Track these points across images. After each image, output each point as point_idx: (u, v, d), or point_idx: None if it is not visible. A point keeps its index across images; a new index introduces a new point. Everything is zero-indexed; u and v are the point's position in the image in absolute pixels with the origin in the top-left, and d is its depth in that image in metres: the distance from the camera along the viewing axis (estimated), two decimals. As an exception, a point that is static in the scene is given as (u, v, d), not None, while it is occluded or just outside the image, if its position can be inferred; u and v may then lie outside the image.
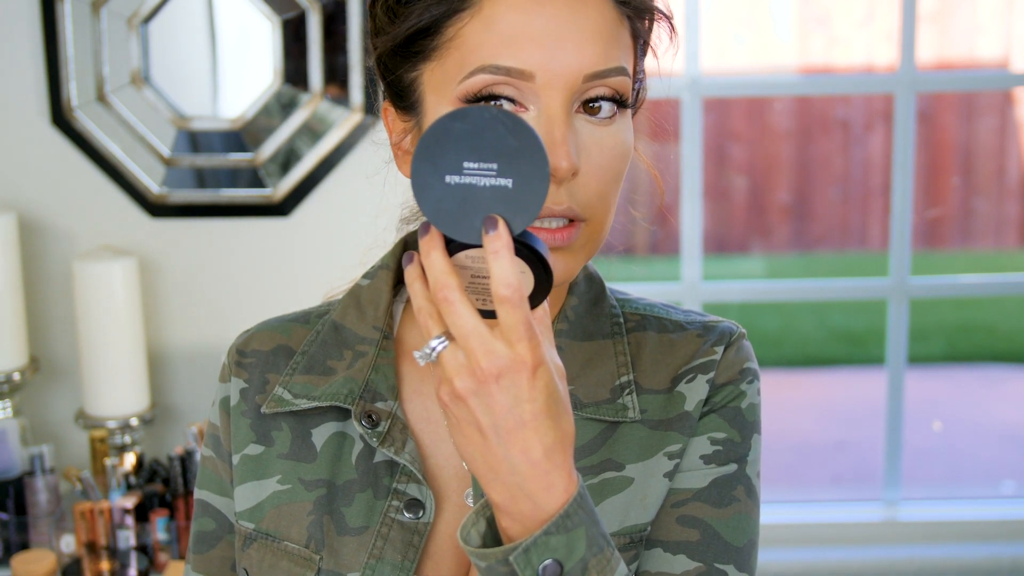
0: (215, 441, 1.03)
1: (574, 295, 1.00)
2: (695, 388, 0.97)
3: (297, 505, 0.97)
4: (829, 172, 5.98)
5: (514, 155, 0.75)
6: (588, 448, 0.95)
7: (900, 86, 2.35)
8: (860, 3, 5.83)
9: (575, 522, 0.78)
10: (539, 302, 0.79)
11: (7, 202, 2.14)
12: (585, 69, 0.87)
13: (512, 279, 0.74)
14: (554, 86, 0.87)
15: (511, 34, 0.87)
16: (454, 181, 0.75)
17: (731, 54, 5.83)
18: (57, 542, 1.96)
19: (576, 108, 0.89)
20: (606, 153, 0.89)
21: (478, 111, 0.75)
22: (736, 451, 0.96)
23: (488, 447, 0.78)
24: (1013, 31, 5.86)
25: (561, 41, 0.87)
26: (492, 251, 0.74)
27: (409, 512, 0.94)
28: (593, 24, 0.88)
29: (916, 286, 2.44)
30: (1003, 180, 5.98)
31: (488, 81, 0.87)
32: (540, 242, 0.78)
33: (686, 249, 2.41)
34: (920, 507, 2.48)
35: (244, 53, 2.13)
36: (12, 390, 2.04)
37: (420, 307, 0.78)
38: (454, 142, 0.75)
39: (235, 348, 1.04)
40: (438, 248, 0.76)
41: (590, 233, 0.90)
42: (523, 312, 0.75)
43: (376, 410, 0.96)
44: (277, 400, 0.99)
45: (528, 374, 0.75)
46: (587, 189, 0.89)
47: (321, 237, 2.17)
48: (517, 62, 0.87)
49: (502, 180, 0.75)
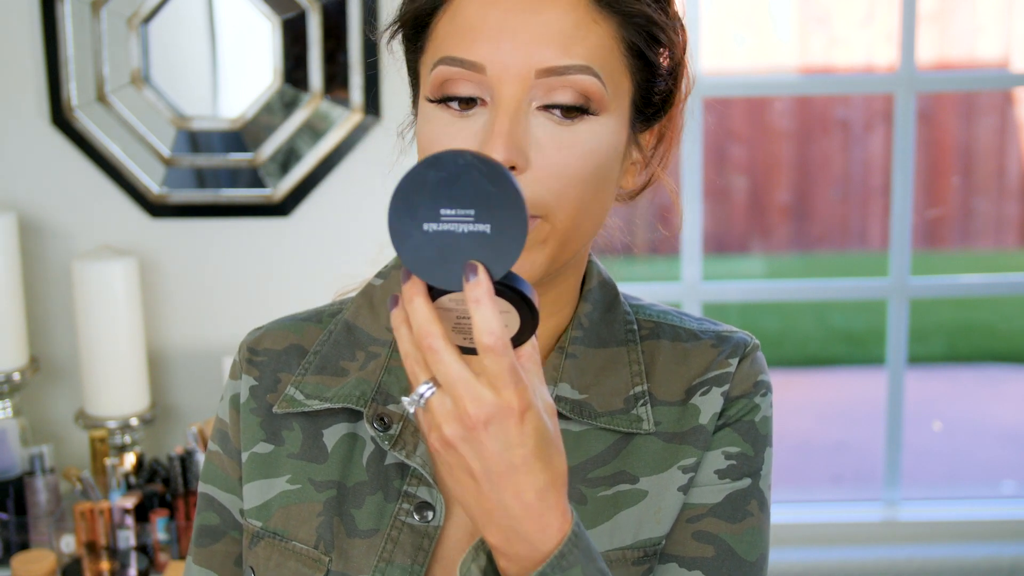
0: (223, 437, 1.03)
1: (588, 301, 0.99)
2: (709, 401, 0.97)
3: (306, 506, 0.97)
4: (829, 172, 5.98)
5: (491, 200, 0.74)
6: (602, 458, 0.95)
7: (900, 86, 2.35)
8: (860, 3, 5.83)
9: (570, 561, 0.79)
10: (526, 339, 0.79)
11: (7, 202, 2.14)
12: (536, 64, 0.86)
13: (495, 327, 0.74)
14: (505, 80, 0.86)
15: (468, 27, 0.88)
16: (432, 228, 0.75)
17: (731, 54, 5.82)
18: (57, 542, 1.95)
19: (536, 106, 0.87)
20: (565, 152, 0.87)
21: (451, 157, 0.74)
22: (750, 465, 0.97)
23: (481, 492, 0.78)
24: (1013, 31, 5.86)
25: (512, 35, 0.86)
26: (473, 299, 0.74)
27: (419, 515, 0.94)
28: (550, 20, 0.87)
29: (916, 286, 2.44)
30: (1003, 180, 5.98)
31: (446, 73, 0.88)
32: (523, 281, 0.77)
33: (686, 249, 2.41)
34: (920, 507, 2.48)
35: (244, 53, 2.13)
36: (12, 390, 2.04)
37: (407, 353, 0.78)
38: (430, 189, 0.74)
39: (246, 345, 1.03)
40: (420, 294, 0.76)
41: (550, 231, 0.88)
42: (508, 359, 0.75)
43: (388, 412, 0.96)
44: (289, 400, 0.99)
45: (516, 419, 0.76)
46: (539, 186, 0.87)
47: (321, 237, 2.17)
48: (469, 54, 0.87)
49: (480, 226, 0.74)
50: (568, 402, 0.95)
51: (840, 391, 5.12)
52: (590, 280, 1.01)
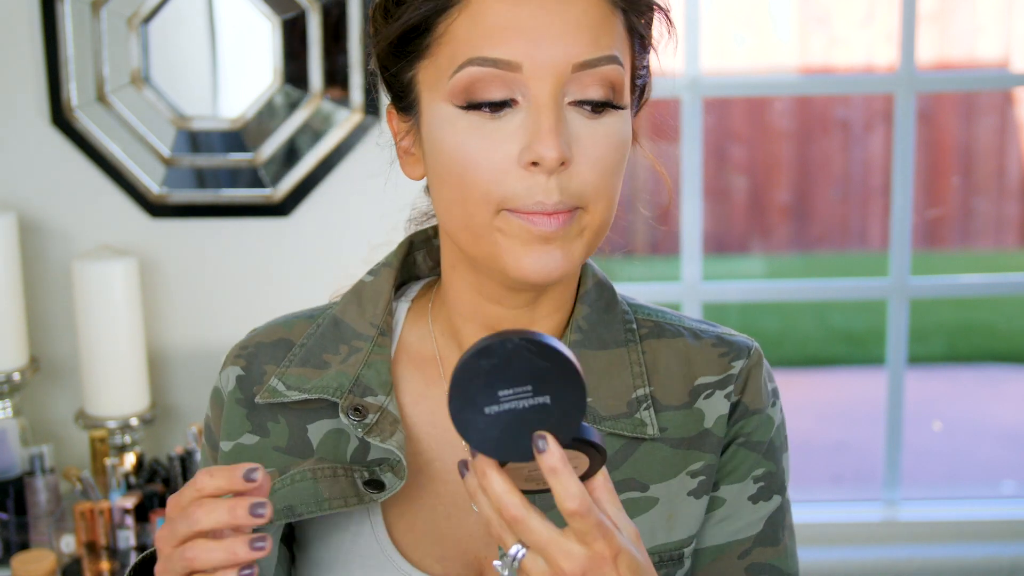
0: (208, 432, 1.05)
1: (585, 303, 0.99)
2: (714, 405, 0.98)
3: None
4: (829, 172, 5.98)
5: (545, 373, 0.76)
6: (609, 465, 0.95)
7: (900, 86, 2.35)
8: (860, 3, 5.83)
9: None
10: (596, 471, 0.80)
11: (7, 202, 2.14)
12: (572, 58, 0.87)
13: (575, 491, 0.75)
14: (542, 76, 0.87)
15: (497, 26, 0.87)
16: (494, 411, 0.76)
17: (731, 54, 5.82)
18: (57, 542, 1.95)
19: (568, 102, 0.88)
20: (600, 143, 0.89)
21: (500, 344, 0.76)
22: (776, 482, 1.00)
23: None
24: (1013, 31, 5.86)
25: (547, 31, 0.87)
26: (549, 469, 0.75)
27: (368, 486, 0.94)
28: (580, 14, 0.88)
29: (916, 286, 2.44)
30: (1003, 180, 5.98)
31: (476, 74, 0.87)
32: (588, 429, 0.79)
33: (686, 249, 2.41)
34: (920, 507, 2.48)
35: (244, 53, 2.13)
36: (12, 390, 2.04)
37: (489, 519, 0.79)
38: (485, 377, 0.76)
39: (239, 343, 1.05)
40: (492, 466, 0.77)
41: (588, 222, 0.90)
42: (593, 516, 0.76)
43: (365, 404, 0.97)
44: (271, 391, 0.99)
45: (610, 566, 0.77)
46: (580, 179, 0.88)
47: (321, 237, 2.17)
48: (504, 53, 0.87)
49: (539, 398, 0.76)
50: None
51: (840, 391, 5.12)
52: (585, 280, 1.00)
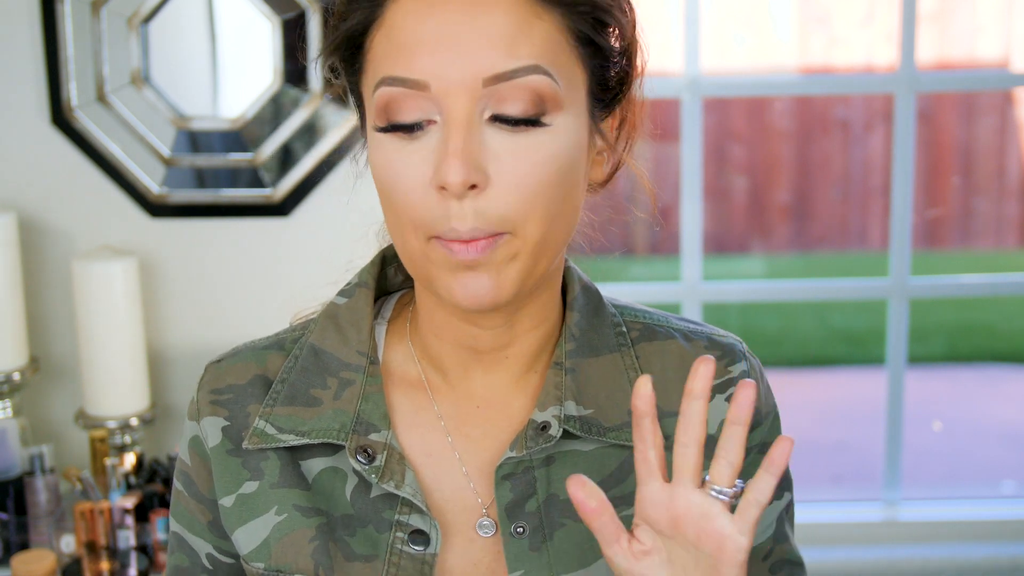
0: (186, 480, 0.99)
1: (574, 310, 0.96)
2: (715, 409, 0.97)
3: (298, 533, 0.93)
4: (829, 172, 5.98)
5: None
6: (615, 477, 0.94)
7: (900, 86, 2.35)
8: (860, 3, 5.83)
9: None
10: None
11: (7, 202, 2.14)
12: (483, 72, 0.81)
13: None
14: (452, 93, 0.81)
15: (406, 43, 0.82)
16: None
17: (731, 54, 5.83)
18: (57, 542, 1.95)
19: (488, 117, 0.82)
20: (523, 161, 0.82)
21: None
22: (786, 478, 1.03)
23: None
24: (1013, 31, 5.86)
25: (454, 45, 0.81)
26: None
27: (416, 544, 0.92)
28: (491, 23, 0.81)
29: (916, 286, 2.44)
30: (1003, 180, 5.99)
31: (389, 94, 0.83)
32: None
33: (686, 249, 2.41)
34: (920, 507, 2.48)
35: (244, 53, 2.13)
36: (12, 390, 2.04)
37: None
38: None
39: (207, 384, 0.98)
40: None
41: (520, 247, 0.84)
42: None
43: (371, 443, 0.92)
44: (260, 435, 0.94)
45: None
46: (500, 202, 0.82)
47: (321, 237, 2.17)
48: (410, 72, 0.82)
49: None
50: (576, 420, 0.93)
51: (840, 391, 5.12)
52: (572, 286, 0.97)
